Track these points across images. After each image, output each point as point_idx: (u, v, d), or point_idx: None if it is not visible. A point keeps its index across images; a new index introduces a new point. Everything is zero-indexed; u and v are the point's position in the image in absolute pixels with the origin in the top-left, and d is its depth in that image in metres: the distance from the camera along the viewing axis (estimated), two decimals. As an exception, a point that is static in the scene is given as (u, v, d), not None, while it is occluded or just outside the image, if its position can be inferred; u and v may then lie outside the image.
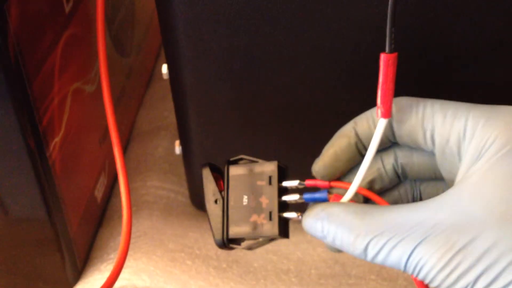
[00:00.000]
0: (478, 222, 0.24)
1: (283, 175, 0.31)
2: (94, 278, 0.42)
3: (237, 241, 0.31)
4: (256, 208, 0.30)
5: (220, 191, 0.31)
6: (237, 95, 0.39)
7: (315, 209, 0.28)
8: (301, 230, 0.47)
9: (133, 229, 0.44)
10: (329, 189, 0.31)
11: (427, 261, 0.25)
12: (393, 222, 0.26)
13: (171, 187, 0.50)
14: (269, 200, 0.30)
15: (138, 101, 0.59)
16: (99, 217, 0.48)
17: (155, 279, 0.41)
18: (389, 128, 0.29)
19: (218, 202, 0.31)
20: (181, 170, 0.51)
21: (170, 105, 0.59)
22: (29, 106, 0.33)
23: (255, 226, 0.30)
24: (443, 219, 0.25)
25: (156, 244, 0.44)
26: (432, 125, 0.28)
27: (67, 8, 0.38)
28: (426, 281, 0.25)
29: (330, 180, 0.31)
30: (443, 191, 0.27)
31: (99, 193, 0.47)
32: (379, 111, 0.28)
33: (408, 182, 0.32)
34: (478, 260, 0.24)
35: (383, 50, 0.27)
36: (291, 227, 0.46)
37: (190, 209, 0.48)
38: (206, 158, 0.44)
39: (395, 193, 0.32)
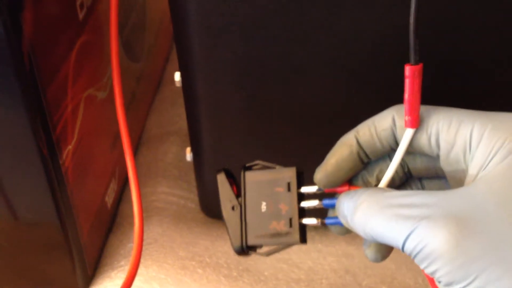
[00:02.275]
0: (492, 215, 0.24)
1: (301, 181, 0.31)
2: (105, 286, 0.42)
3: (255, 247, 0.31)
4: (275, 214, 0.30)
5: (237, 197, 0.31)
6: (250, 102, 0.39)
7: (350, 193, 0.29)
8: (311, 239, 0.47)
9: (144, 236, 0.44)
10: None
11: (432, 240, 0.24)
12: (400, 200, 0.26)
13: (181, 194, 0.50)
14: (288, 206, 0.30)
15: (148, 106, 0.59)
16: (109, 223, 0.47)
17: (166, 288, 0.41)
18: (392, 135, 0.29)
19: (235, 208, 0.31)
20: (191, 176, 0.51)
21: (179, 110, 0.59)
22: (43, 114, 0.33)
23: (275, 233, 0.30)
24: (456, 205, 0.25)
25: (167, 251, 0.44)
26: (436, 131, 0.28)
27: (81, 15, 0.38)
28: (423, 266, 0.25)
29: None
30: (446, 188, 0.27)
31: (109, 199, 0.46)
32: (407, 121, 0.28)
33: (415, 179, 0.32)
34: (492, 248, 0.23)
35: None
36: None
37: (200, 216, 0.48)
38: (217, 165, 0.44)
39: (406, 188, 0.32)
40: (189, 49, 0.37)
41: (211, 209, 0.47)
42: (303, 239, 0.30)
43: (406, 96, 0.28)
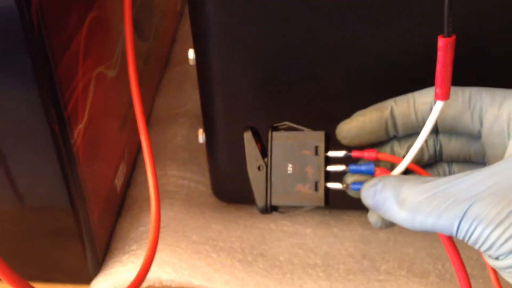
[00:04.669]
0: None
1: (328, 145, 0.31)
2: (116, 270, 0.40)
3: (278, 208, 0.31)
4: (301, 177, 0.31)
5: (263, 157, 0.31)
6: (266, 83, 0.38)
7: (374, 180, 0.28)
8: (326, 223, 0.46)
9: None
10: (375, 162, 0.31)
11: (483, 219, 0.24)
12: (445, 186, 0.26)
13: (191, 177, 0.48)
14: (315, 170, 0.31)
15: (155, 88, 0.57)
16: (118, 206, 0.46)
17: (180, 272, 0.40)
18: (429, 112, 0.29)
19: (261, 168, 0.31)
20: (201, 159, 0.50)
21: (188, 91, 0.58)
22: (54, 90, 0.32)
23: (299, 195, 0.31)
24: (497, 181, 0.25)
25: (180, 236, 0.43)
26: (480, 106, 0.28)
27: (92, -11, 0.36)
28: (478, 244, 0.25)
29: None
30: None
31: (118, 181, 0.45)
32: (437, 93, 0.27)
33: (444, 163, 0.32)
34: None
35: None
36: (317, 221, 0.45)
37: (212, 199, 0.47)
38: (230, 147, 0.43)
39: (434, 172, 0.32)
40: (205, 27, 0.36)
41: (223, 192, 0.46)
42: (327, 202, 0.31)
43: (438, 68, 0.27)
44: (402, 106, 0.30)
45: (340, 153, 0.31)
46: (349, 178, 0.31)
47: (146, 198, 0.46)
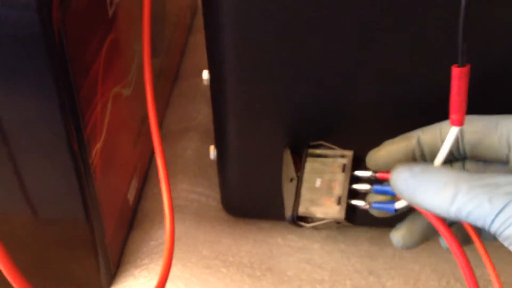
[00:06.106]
0: None
1: (357, 164, 0.33)
2: (129, 284, 0.42)
3: (305, 219, 0.34)
4: (327, 191, 0.33)
5: (296, 171, 0.34)
6: (279, 103, 0.39)
7: (409, 164, 0.29)
8: (334, 238, 0.47)
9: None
10: None
11: None
12: (488, 178, 0.26)
13: (202, 191, 0.49)
14: (340, 186, 0.33)
15: (166, 102, 0.58)
16: (131, 220, 0.47)
17: (191, 287, 0.41)
18: (457, 141, 0.30)
19: (293, 181, 0.34)
20: (211, 173, 0.51)
21: (198, 106, 0.59)
22: (76, 113, 0.33)
23: (323, 207, 0.33)
24: None
25: (190, 250, 0.44)
26: (507, 131, 0.29)
27: (111, 12, 0.37)
28: (508, 241, 0.25)
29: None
30: None
31: (131, 196, 0.46)
32: (453, 119, 0.28)
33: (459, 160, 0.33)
34: None
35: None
36: (324, 236, 0.46)
37: (222, 214, 0.48)
38: (241, 164, 0.44)
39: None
40: (220, 49, 0.37)
41: (233, 207, 0.47)
42: (350, 219, 0.33)
43: (452, 96, 0.28)
44: (429, 135, 0.31)
45: (367, 173, 0.32)
46: (372, 198, 0.33)
47: (158, 211, 0.48)
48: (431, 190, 0.28)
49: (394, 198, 0.31)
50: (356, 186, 0.33)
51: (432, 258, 0.44)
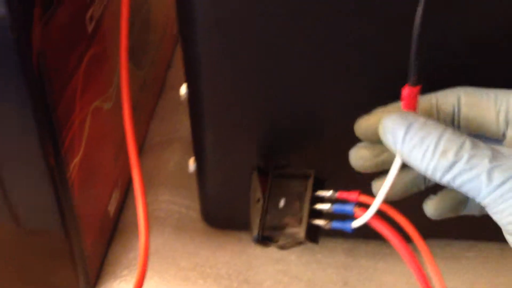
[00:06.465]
0: None
1: (320, 184, 0.34)
2: (108, 295, 0.42)
3: (271, 239, 0.34)
4: (290, 211, 0.34)
5: (263, 192, 0.35)
6: (257, 116, 0.39)
7: (407, 115, 0.27)
8: (311, 249, 0.48)
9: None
10: (356, 203, 0.32)
11: None
12: (493, 150, 0.26)
13: (182, 202, 0.50)
14: (301, 205, 0.33)
15: (150, 114, 0.59)
16: (111, 231, 0.48)
17: (168, 298, 0.42)
18: (452, 113, 0.29)
19: (259, 201, 0.35)
20: (193, 184, 0.51)
21: (181, 117, 0.59)
22: (53, 131, 0.33)
23: (286, 228, 0.34)
24: None
25: (169, 262, 0.44)
26: (506, 107, 0.28)
27: (90, 27, 0.38)
28: (499, 215, 0.25)
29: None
30: None
31: (111, 207, 0.47)
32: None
33: None
34: None
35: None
36: (301, 247, 0.47)
37: (201, 225, 0.48)
38: (221, 177, 0.45)
39: None
40: (196, 62, 0.37)
41: (212, 219, 0.48)
42: (311, 238, 0.33)
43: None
44: (424, 104, 0.29)
45: (327, 193, 0.33)
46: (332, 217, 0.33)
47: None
48: (428, 154, 0.26)
49: (352, 216, 0.32)
50: (317, 206, 0.33)
51: (406, 269, 0.45)
